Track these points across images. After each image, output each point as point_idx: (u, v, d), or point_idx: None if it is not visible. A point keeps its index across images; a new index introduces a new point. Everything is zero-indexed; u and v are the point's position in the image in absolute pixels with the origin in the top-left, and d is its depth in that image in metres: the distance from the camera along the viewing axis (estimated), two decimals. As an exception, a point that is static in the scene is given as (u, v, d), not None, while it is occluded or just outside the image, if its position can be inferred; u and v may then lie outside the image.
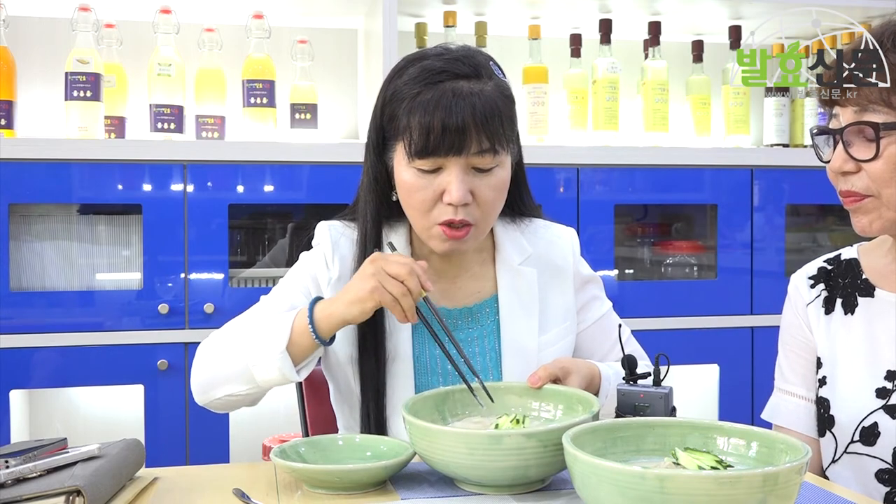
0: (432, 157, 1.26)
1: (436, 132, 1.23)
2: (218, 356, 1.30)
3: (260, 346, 1.24)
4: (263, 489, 1.11)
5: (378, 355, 1.33)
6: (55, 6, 2.38)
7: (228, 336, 1.31)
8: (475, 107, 1.24)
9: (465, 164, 1.26)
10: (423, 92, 1.26)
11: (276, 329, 1.24)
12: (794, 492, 0.87)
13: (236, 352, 1.27)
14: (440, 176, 1.27)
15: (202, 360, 1.32)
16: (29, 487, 1.01)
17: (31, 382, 2.18)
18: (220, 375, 1.28)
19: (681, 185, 2.51)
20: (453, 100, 1.24)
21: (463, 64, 1.28)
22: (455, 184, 1.26)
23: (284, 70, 2.46)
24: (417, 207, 1.30)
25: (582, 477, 0.90)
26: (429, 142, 1.24)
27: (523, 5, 2.51)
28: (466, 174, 1.27)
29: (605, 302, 1.49)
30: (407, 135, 1.26)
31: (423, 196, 1.28)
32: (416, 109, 1.25)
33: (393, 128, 1.30)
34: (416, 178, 1.28)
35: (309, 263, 1.40)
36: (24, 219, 2.25)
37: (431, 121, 1.23)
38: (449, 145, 1.24)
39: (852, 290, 1.35)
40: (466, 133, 1.24)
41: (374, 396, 1.33)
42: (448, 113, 1.23)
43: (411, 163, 1.28)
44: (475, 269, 1.43)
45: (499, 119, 1.26)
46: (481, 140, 1.25)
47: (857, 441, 1.27)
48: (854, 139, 1.22)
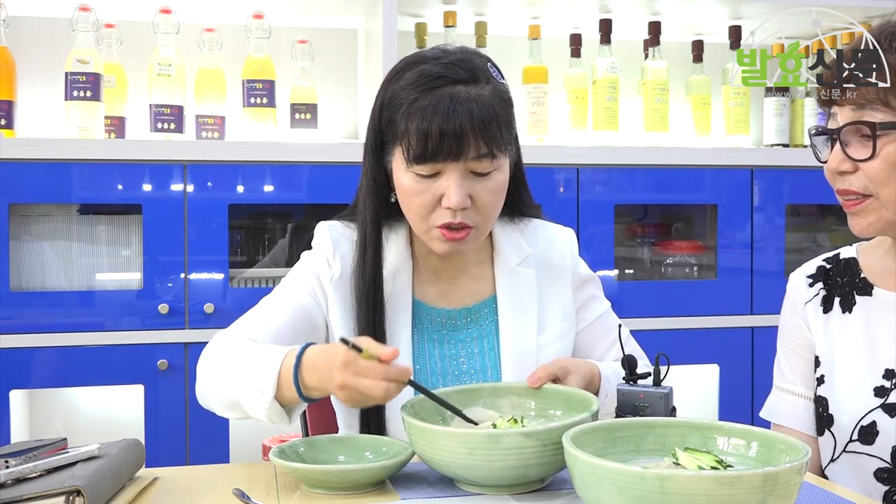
0: (430, 163, 1.26)
1: (433, 138, 1.23)
2: (215, 380, 1.26)
3: (250, 387, 1.18)
4: (263, 489, 1.11)
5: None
6: (55, 6, 2.38)
7: (226, 360, 1.26)
8: (473, 112, 1.24)
9: (464, 168, 1.27)
10: (420, 98, 1.25)
11: (265, 374, 1.16)
12: (794, 492, 0.87)
13: (230, 384, 1.22)
14: (438, 181, 1.27)
15: (202, 375, 1.28)
16: (29, 487, 1.01)
17: (31, 382, 2.18)
18: (216, 400, 1.26)
19: (681, 185, 2.51)
20: (451, 105, 1.23)
21: (460, 68, 1.28)
22: (453, 189, 1.26)
23: (284, 70, 2.46)
24: (416, 211, 1.30)
25: (582, 477, 0.90)
26: (427, 147, 1.24)
27: (523, 5, 2.51)
28: (465, 179, 1.27)
29: (604, 302, 1.49)
30: (405, 140, 1.26)
31: (422, 200, 1.28)
32: (413, 115, 1.25)
33: (391, 132, 1.30)
34: (414, 183, 1.28)
35: (311, 262, 1.39)
36: (24, 219, 2.25)
37: (429, 127, 1.23)
38: (447, 151, 1.24)
39: (851, 289, 1.35)
40: (464, 139, 1.24)
41: None
42: (445, 119, 1.23)
43: (409, 168, 1.28)
44: (474, 270, 1.43)
45: (496, 124, 1.26)
46: (479, 145, 1.25)
47: (856, 440, 1.27)
48: (851, 139, 1.22)
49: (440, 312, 1.39)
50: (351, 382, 1.08)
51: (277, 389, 1.15)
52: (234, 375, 1.22)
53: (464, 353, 1.37)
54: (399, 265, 1.38)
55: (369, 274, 1.34)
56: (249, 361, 1.20)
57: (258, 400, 1.16)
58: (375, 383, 1.07)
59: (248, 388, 1.18)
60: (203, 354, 1.30)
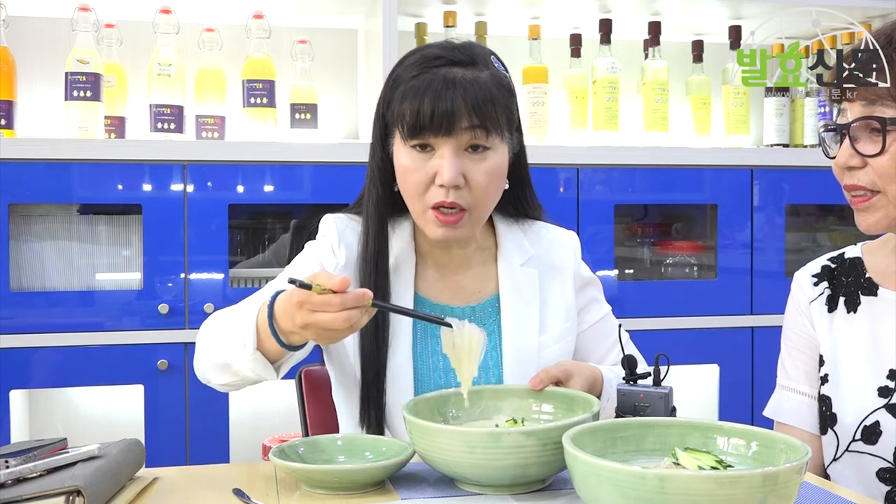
0: (422, 136, 1.28)
1: (424, 113, 1.26)
2: (209, 346, 1.29)
3: (234, 343, 1.21)
4: (263, 489, 1.11)
5: (379, 346, 1.33)
6: (55, 6, 2.38)
7: (218, 327, 1.29)
8: (467, 90, 1.26)
9: (456, 145, 1.28)
10: (417, 76, 1.29)
11: (244, 328, 1.19)
12: (794, 492, 0.87)
13: (220, 346, 1.25)
14: (433, 158, 1.29)
15: (199, 345, 1.31)
16: (29, 487, 1.01)
17: (31, 382, 2.18)
18: (209, 365, 1.28)
19: (681, 185, 2.51)
20: (444, 83, 1.26)
21: (460, 52, 1.31)
22: (446, 164, 1.27)
23: (284, 70, 2.46)
24: (412, 191, 1.32)
25: (582, 477, 0.90)
26: (418, 121, 1.27)
27: (523, 5, 2.51)
28: (458, 157, 1.29)
29: (605, 305, 1.49)
30: (401, 118, 1.29)
31: (417, 178, 1.30)
32: (408, 92, 1.28)
33: (391, 114, 1.33)
34: (410, 161, 1.30)
35: (315, 251, 1.41)
36: (24, 219, 2.25)
37: (421, 102, 1.26)
38: (438, 125, 1.26)
39: (855, 289, 1.34)
40: (456, 114, 1.26)
41: (377, 389, 1.32)
42: (437, 95, 1.26)
43: (405, 144, 1.30)
44: (477, 269, 1.43)
45: (492, 104, 1.28)
46: (472, 119, 1.27)
47: (859, 440, 1.26)
48: (861, 134, 1.21)
49: (443, 309, 1.39)
50: (311, 320, 1.08)
51: (258, 341, 1.18)
52: (220, 337, 1.25)
53: (466, 351, 1.37)
54: (403, 259, 1.39)
55: (373, 262, 1.35)
56: (232, 321, 1.24)
57: (241, 353, 1.19)
58: (334, 315, 1.07)
59: (232, 344, 1.21)
60: (200, 331, 1.33)
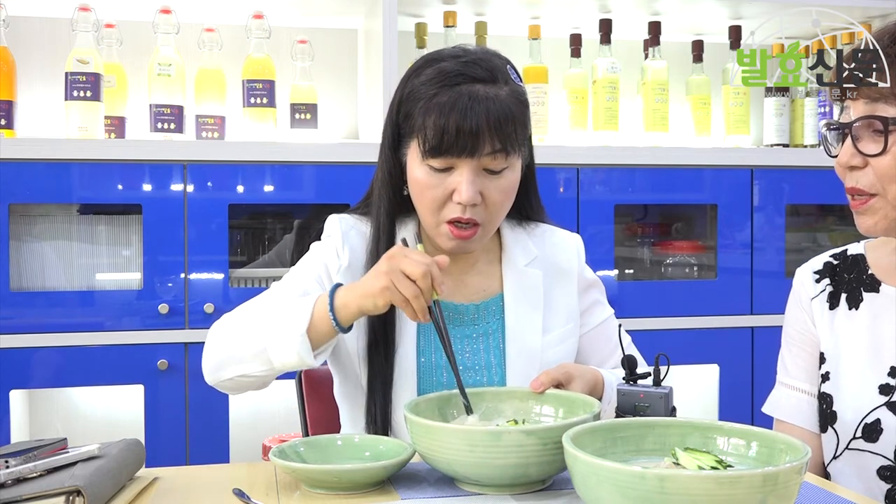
0: (445, 157, 1.28)
1: (450, 133, 1.26)
2: (234, 336, 1.29)
3: (279, 328, 1.23)
4: (263, 489, 1.11)
5: (386, 346, 1.33)
6: (55, 6, 2.38)
7: (245, 317, 1.30)
8: (489, 111, 1.26)
9: (477, 165, 1.29)
10: (439, 94, 1.28)
11: (297, 312, 1.23)
12: (794, 492, 0.87)
13: (254, 333, 1.26)
14: (451, 175, 1.29)
15: (217, 338, 1.31)
16: (29, 487, 1.01)
17: (31, 382, 2.18)
18: (236, 355, 1.27)
19: (681, 185, 2.51)
20: (469, 103, 1.26)
21: (480, 68, 1.29)
22: (465, 184, 1.28)
23: (284, 70, 2.46)
24: (427, 205, 1.32)
25: (582, 477, 0.90)
26: (442, 142, 1.26)
27: (523, 5, 2.51)
28: (477, 175, 1.29)
29: (607, 308, 1.50)
30: (422, 134, 1.28)
31: (434, 194, 1.30)
32: (431, 110, 1.27)
33: (408, 126, 1.32)
34: (427, 177, 1.30)
35: (320, 252, 1.41)
36: (24, 219, 2.25)
37: (447, 123, 1.26)
38: (462, 147, 1.26)
39: (857, 286, 1.34)
40: (480, 136, 1.26)
41: (382, 388, 1.33)
42: (463, 116, 1.25)
43: (424, 160, 1.30)
44: (482, 268, 1.44)
45: (512, 124, 1.28)
46: (494, 143, 1.27)
47: (860, 438, 1.26)
48: (863, 134, 1.21)
49: (447, 306, 1.39)
50: (396, 262, 1.18)
51: (310, 325, 1.22)
52: (259, 324, 1.27)
53: (469, 349, 1.38)
54: None
55: None
56: (278, 310, 1.26)
57: (289, 336, 1.21)
58: (419, 261, 1.17)
59: (278, 329, 1.23)
60: (213, 327, 1.32)
